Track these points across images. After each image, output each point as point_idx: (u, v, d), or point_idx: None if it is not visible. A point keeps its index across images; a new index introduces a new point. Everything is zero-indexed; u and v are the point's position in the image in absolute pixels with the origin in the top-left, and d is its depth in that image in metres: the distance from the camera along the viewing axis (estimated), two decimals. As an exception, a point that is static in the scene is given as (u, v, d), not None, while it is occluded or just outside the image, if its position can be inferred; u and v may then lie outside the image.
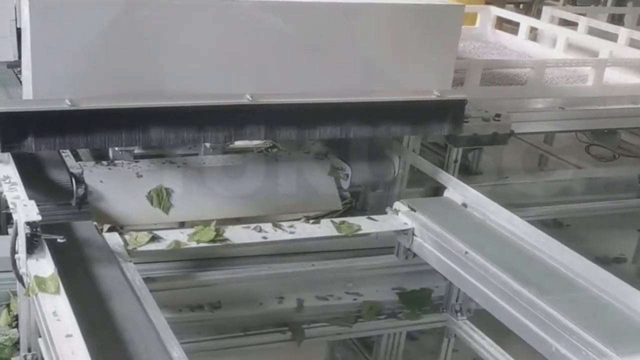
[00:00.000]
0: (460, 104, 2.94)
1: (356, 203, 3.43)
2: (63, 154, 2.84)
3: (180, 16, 2.54)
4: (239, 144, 3.43)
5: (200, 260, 2.88)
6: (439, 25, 2.89)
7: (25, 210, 2.14)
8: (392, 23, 2.85)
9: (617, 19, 6.64)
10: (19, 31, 2.43)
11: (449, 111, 2.94)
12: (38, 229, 2.15)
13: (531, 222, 2.69)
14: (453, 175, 3.19)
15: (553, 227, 4.41)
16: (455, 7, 2.94)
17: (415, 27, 2.87)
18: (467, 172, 4.09)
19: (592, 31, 4.90)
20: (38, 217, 2.13)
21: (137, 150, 2.95)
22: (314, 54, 2.74)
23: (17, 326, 2.45)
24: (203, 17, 2.57)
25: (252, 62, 2.66)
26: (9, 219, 2.75)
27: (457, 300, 3.15)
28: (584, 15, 5.13)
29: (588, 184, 4.17)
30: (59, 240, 2.19)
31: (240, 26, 2.62)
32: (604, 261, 4.55)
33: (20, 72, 2.88)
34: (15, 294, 2.42)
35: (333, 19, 2.78)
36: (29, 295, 2.09)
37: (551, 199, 3.99)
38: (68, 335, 1.86)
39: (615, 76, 4.29)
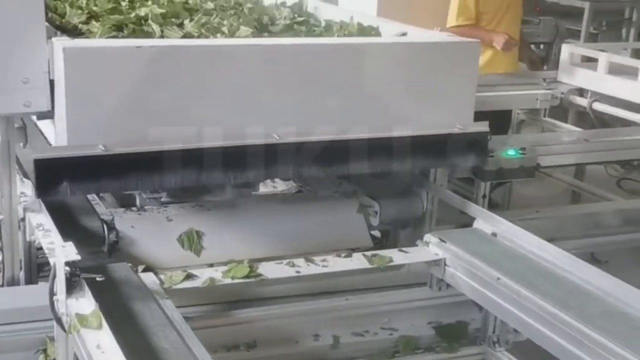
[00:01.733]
0: (483, 137, 2.99)
1: (387, 242, 3.46)
2: (93, 202, 2.92)
3: (208, 63, 2.62)
4: (265, 190, 3.50)
5: (235, 302, 2.91)
6: (457, 60, 2.96)
7: (64, 251, 2.21)
8: (412, 60, 2.92)
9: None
10: (51, 82, 2.52)
11: (472, 144, 2.98)
12: (77, 269, 2.21)
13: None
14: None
15: (591, 263, 4.39)
16: (471, 43, 3.02)
17: (435, 63, 2.94)
18: (497, 207, 4.12)
19: (613, 67, 4.93)
20: (77, 257, 2.19)
21: (164, 198, 3.01)
22: (337, 93, 2.81)
23: (53, 372, 2.50)
24: (230, 62, 2.66)
25: (279, 103, 2.73)
26: (39, 269, 2.82)
27: (494, 332, 3.14)
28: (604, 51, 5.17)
29: (621, 217, 4.15)
30: (97, 278, 2.25)
31: (266, 70, 2.69)
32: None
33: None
34: (52, 339, 2.46)
35: (356, 59, 2.85)
36: (70, 333, 2.14)
37: (585, 232, 3.97)
38: (114, 366, 1.92)
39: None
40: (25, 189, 2.85)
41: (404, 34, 3.13)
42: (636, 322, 2.34)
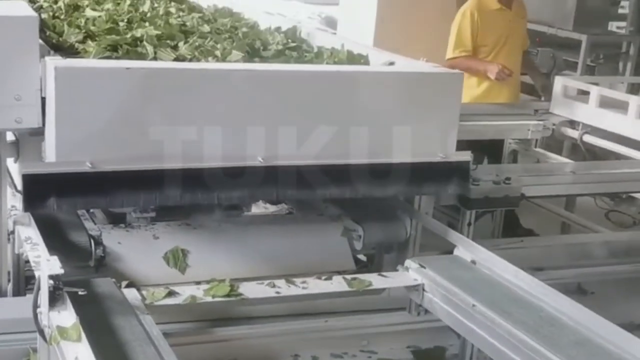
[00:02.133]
0: (464, 165, 3.05)
1: (371, 266, 3.52)
2: (82, 218, 2.98)
3: (195, 86, 2.70)
4: (256, 211, 3.56)
5: (217, 320, 2.97)
6: (440, 91, 3.03)
7: (49, 264, 2.27)
8: (396, 89, 3.00)
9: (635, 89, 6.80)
10: (43, 100, 2.59)
11: (454, 172, 3.04)
12: (60, 282, 2.28)
13: (553, 287, 2.74)
14: (468, 237, 3.26)
15: (577, 293, 4.44)
16: (455, 74, 3.09)
17: (419, 93, 3.01)
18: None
19: (605, 100, 4.99)
20: (61, 271, 2.25)
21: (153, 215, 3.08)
22: (321, 119, 2.87)
23: (36, 382, 2.55)
24: (215, 86, 2.73)
25: (265, 127, 2.79)
26: (26, 282, 2.89)
27: (471, 358, 3.19)
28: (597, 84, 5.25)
29: (608, 248, 4.20)
30: (80, 292, 2.31)
31: (252, 95, 2.76)
32: (628, 328, 4.55)
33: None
34: (35, 350, 2.52)
35: (341, 87, 2.92)
36: (51, 344, 2.20)
37: (572, 262, 4.01)
38: (90, 378, 1.97)
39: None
40: (17, 202, 2.92)
41: (392, 64, 3.21)
42: (605, 352, 2.38)
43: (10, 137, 2.85)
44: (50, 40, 3.14)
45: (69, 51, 3.02)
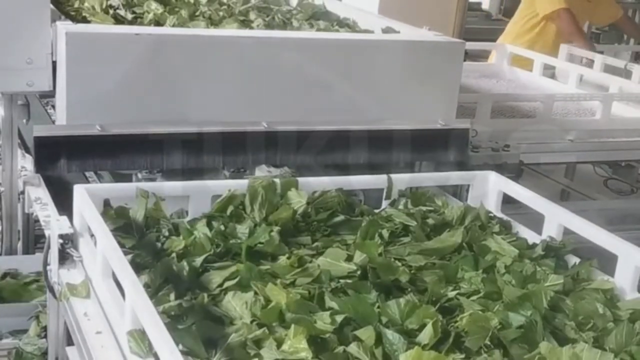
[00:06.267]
0: (464, 133, 3.11)
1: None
2: (90, 179, 3.06)
3: (202, 52, 2.77)
4: (260, 175, 3.62)
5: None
6: (441, 59, 3.09)
7: (58, 224, 2.33)
8: (398, 57, 3.06)
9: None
10: (54, 64, 2.66)
11: (454, 139, 3.11)
12: (70, 242, 2.35)
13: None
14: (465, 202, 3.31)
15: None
16: (457, 43, 3.15)
17: (420, 61, 3.07)
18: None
19: (608, 68, 5.03)
20: (70, 230, 2.33)
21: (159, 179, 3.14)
22: (325, 86, 2.95)
23: (45, 337, 2.64)
24: (223, 54, 2.80)
25: (270, 94, 2.87)
26: (35, 241, 2.97)
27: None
28: (601, 53, 5.30)
29: (605, 215, 4.25)
30: (88, 251, 2.38)
31: (257, 62, 2.83)
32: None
33: (47, 103, 3.12)
34: (44, 306, 2.59)
35: (343, 55, 2.99)
36: (61, 300, 2.28)
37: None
38: (98, 332, 2.04)
39: (630, 112, 4.41)
40: (26, 163, 2.99)
41: (395, 31, 3.26)
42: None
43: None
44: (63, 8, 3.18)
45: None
